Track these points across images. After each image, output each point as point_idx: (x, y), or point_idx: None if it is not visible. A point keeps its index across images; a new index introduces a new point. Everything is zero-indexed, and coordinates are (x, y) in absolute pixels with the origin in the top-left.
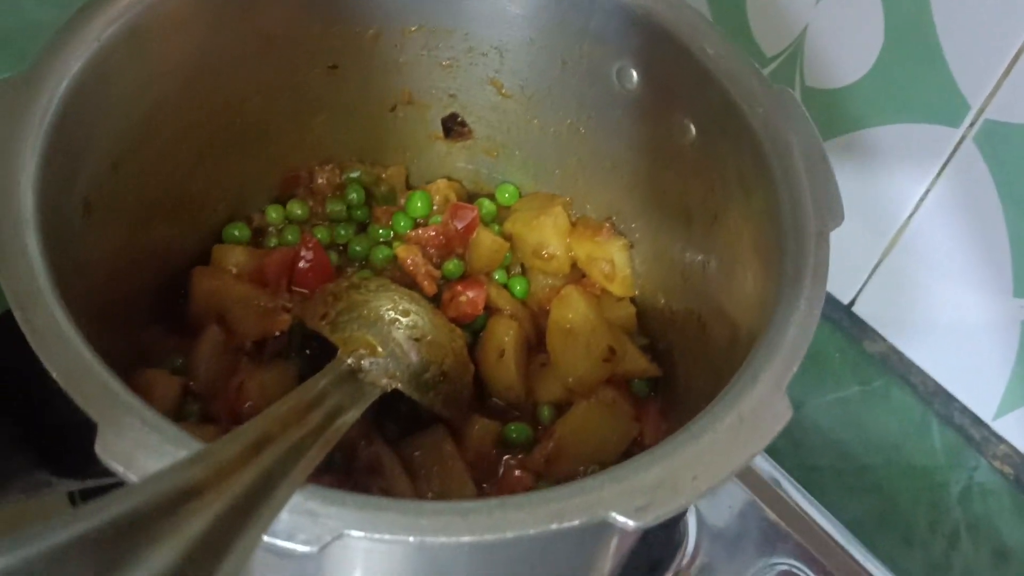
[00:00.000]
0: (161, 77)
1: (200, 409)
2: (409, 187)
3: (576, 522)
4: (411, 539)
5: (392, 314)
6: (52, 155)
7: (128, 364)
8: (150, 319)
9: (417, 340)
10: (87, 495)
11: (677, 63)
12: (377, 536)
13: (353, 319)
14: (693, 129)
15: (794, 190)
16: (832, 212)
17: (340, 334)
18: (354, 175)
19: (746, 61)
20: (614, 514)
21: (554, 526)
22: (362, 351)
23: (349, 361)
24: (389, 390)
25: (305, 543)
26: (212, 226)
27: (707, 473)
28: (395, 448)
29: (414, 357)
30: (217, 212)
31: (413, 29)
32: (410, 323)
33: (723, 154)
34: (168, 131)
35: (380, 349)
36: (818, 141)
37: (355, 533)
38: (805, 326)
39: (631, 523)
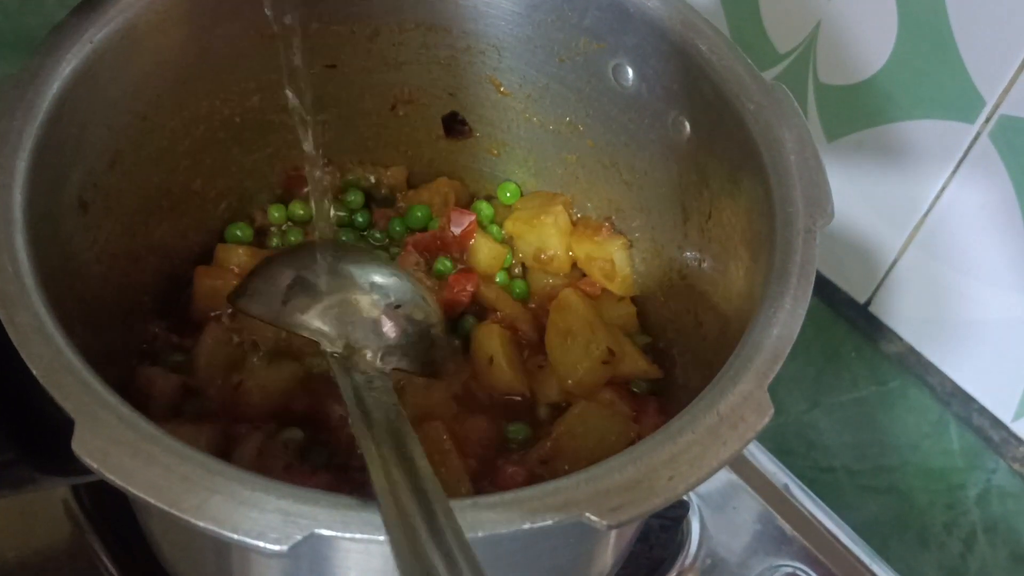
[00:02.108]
0: (157, 75)
1: (199, 406)
2: (410, 186)
3: (549, 522)
4: (382, 538)
5: (355, 295)
6: (43, 155)
7: (129, 361)
8: (151, 317)
9: (397, 308)
10: (92, 489)
11: (671, 60)
12: (348, 535)
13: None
14: (688, 126)
15: (783, 186)
16: (822, 209)
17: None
18: (351, 178)
19: (740, 57)
20: (588, 514)
21: (527, 526)
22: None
23: (333, 353)
24: (388, 370)
25: (275, 542)
26: (214, 224)
27: (684, 473)
28: None
29: (396, 333)
30: (219, 210)
31: (411, 27)
32: (380, 295)
33: (716, 150)
34: (166, 128)
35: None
36: (810, 137)
37: (325, 532)
38: (789, 324)
39: (605, 523)
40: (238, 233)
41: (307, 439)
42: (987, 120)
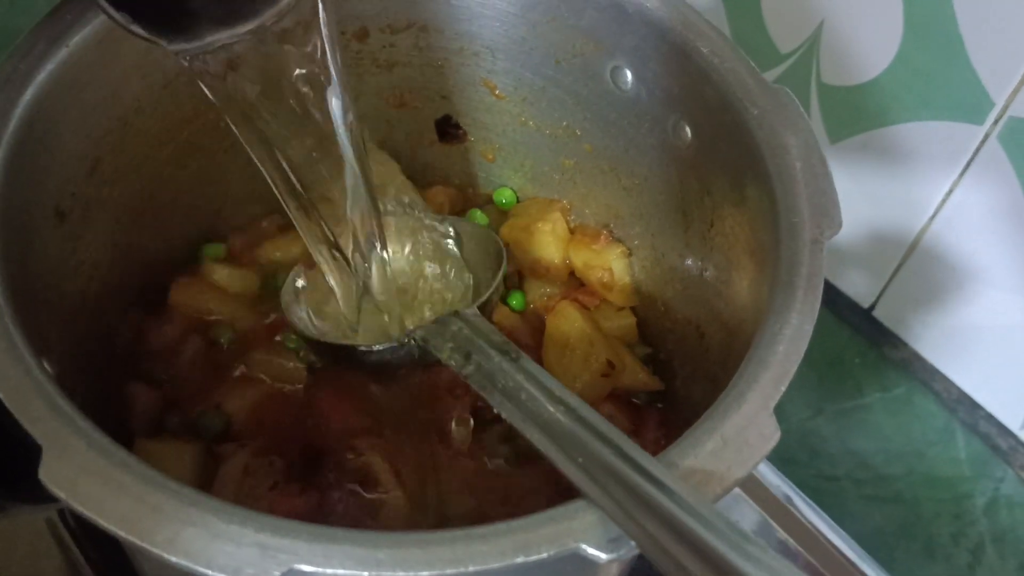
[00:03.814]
0: (137, 78)
1: (180, 421)
2: None
3: (544, 555)
4: (366, 574)
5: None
6: (16, 163)
7: (109, 376)
8: (132, 329)
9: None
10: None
11: (671, 62)
12: (330, 571)
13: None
14: (689, 131)
15: (789, 194)
16: (829, 218)
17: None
18: None
19: (743, 59)
20: (584, 546)
21: (520, 559)
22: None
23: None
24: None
25: None
26: (198, 235)
27: None
28: (389, 458)
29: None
30: (206, 217)
31: (402, 27)
32: (433, 271)
33: (719, 156)
34: (148, 133)
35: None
36: (816, 143)
37: (306, 568)
38: (796, 341)
39: (603, 556)
40: (211, 254)
41: (295, 456)
42: (996, 122)
